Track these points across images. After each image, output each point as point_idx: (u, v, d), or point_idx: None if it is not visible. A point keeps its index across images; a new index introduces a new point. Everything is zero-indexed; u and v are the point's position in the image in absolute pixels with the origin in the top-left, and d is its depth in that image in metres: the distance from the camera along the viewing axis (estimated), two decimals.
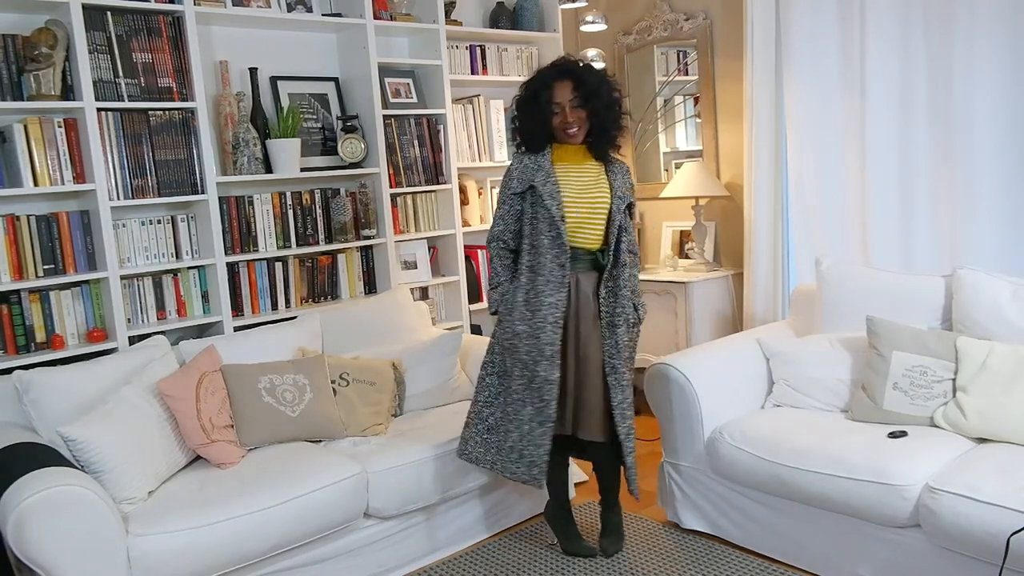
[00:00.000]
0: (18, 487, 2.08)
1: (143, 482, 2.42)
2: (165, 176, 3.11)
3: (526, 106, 2.65)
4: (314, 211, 3.57)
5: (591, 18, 4.17)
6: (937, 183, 3.33)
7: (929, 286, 2.92)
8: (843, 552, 2.54)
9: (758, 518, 2.76)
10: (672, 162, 4.51)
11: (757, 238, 3.88)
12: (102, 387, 2.61)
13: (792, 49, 3.67)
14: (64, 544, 2.08)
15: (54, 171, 2.88)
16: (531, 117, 2.63)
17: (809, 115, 3.66)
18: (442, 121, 3.90)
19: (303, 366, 2.93)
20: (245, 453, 2.75)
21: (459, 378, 3.30)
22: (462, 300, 3.98)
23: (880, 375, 2.69)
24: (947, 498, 2.22)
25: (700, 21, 4.19)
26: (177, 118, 3.13)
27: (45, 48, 2.81)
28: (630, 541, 2.92)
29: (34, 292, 2.91)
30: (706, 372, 2.88)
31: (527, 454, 2.58)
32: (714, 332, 4.09)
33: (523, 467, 2.59)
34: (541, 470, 2.58)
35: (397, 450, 2.76)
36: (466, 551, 2.95)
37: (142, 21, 3.05)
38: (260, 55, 3.51)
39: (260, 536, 2.40)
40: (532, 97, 2.62)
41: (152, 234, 3.16)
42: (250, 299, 3.42)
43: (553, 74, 2.61)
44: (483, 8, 4.30)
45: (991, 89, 3.13)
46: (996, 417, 2.47)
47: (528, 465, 2.58)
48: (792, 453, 2.57)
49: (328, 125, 3.68)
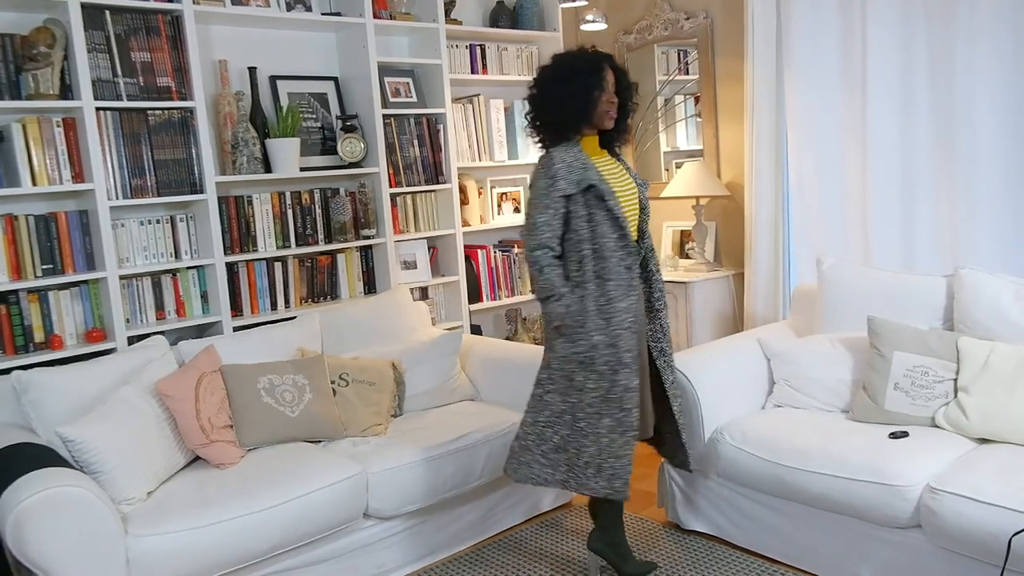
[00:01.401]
0: (17, 488, 2.08)
1: (142, 482, 2.42)
2: (164, 176, 3.10)
3: (567, 87, 2.45)
4: (313, 211, 3.57)
5: (591, 17, 4.16)
6: (938, 182, 3.32)
7: (930, 286, 2.92)
8: (844, 553, 2.54)
9: (759, 519, 2.75)
10: (673, 162, 4.50)
11: (758, 238, 3.88)
12: (101, 387, 2.61)
13: (793, 48, 3.66)
14: (63, 545, 2.07)
15: (53, 171, 2.88)
16: (572, 99, 2.45)
17: (810, 114, 3.66)
18: (442, 121, 3.90)
19: (302, 366, 2.92)
20: (244, 453, 2.74)
21: (459, 378, 3.29)
22: (462, 300, 3.97)
23: (881, 375, 2.68)
24: (948, 499, 2.21)
25: (701, 20, 4.19)
26: (176, 117, 3.12)
27: (43, 47, 2.80)
28: (630, 541, 2.92)
29: (33, 292, 2.90)
30: (707, 372, 2.87)
31: (606, 467, 2.41)
32: (715, 332, 4.08)
33: (603, 481, 2.42)
34: (624, 481, 2.41)
35: (397, 451, 2.76)
36: (466, 552, 2.95)
37: (141, 20, 3.04)
38: (259, 54, 3.51)
39: (259, 537, 2.40)
40: (573, 78, 2.45)
41: (151, 234, 3.15)
42: (249, 299, 3.41)
43: (598, 59, 2.49)
44: (483, 7, 4.30)
45: (992, 88, 3.12)
46: (998, 417, 2.46)
47: (609, 478, 2.41)
48: (793, 453, 2.57)
49: (327, 125, 3.67)
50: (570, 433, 2.47)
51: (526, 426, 2.56)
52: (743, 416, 2.86)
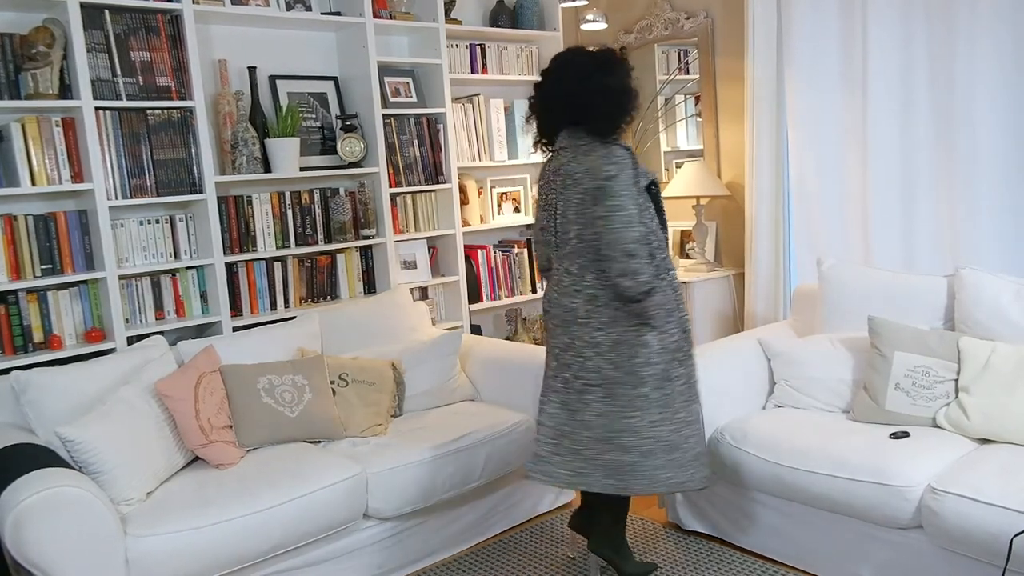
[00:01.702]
0: (16, 488, 2.07)
1: (141, 483, 2.41)
2: (163, 176, 3.10)
3: (632, 84, 2.47)
4: (313, 211, 3.56)
5: (591, 16, 4.15)
6: (939, 182, 3.32)
7: (931, 286, 2.91)
8: (845, 553, 2.53)
9: (759, 519, 2.75)
10: (673, 161, 4.50)
11: (758, 238, 3.87)
12: (100, 388, 2.60)
13: (793, 48, 3.66)
14: (62, 545, 2.07)
15: (52, 170, 2.87)
16: (635, 96, 2.48)
17: (810, 114, 3.65)
18: (442, 120, 3.89)
19: (302, 366, 2.92)
20: (244, 454, 2.73)
21: (459, 378, 3.28)
22: (462, 300, 3.97)
23: (882, 375, 2.67)
24: (949, 499, 2.21)
25: (701, 20, 4.18)
26: (176, 117, 3.12)
27: (43, 47, 2.80)
28: (631, 542, 2.91)
29: (32, 292, 2.90)
30: (707, 372, 2.86)
31: (704, 454, 2.45)
32: (715, 332, 4.08)
33: (707, 468, 2.44)
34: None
35: (396, 451, 2.75)
36: (465, 552, 2.94)
37: (140, 19, 3.03)
38: (259, 54, 3.50)
39: (259, 537, 2.39)
40: (631, 76, 2.49)
41: (150, 234, 3.15)
42: (249, 299, 3.40)
43: None
44: (483, 7, 4.29)
45: (993, 88, 3.12)
46: (999, 418, 2.46)
47: (708, 464, 2.45)
48: (793, 454, 2.56)
49: (327, 124, 3.66)
50: (671, 429, 2.40)
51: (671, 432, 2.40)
52: (743, 416, 2.86)
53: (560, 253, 2.47)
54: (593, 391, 2.40)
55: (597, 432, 2.39)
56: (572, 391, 2.43)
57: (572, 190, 2.40)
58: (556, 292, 2.47)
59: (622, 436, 2.37)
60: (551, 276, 2.53)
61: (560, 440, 2.45)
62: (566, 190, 2.42)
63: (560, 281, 2.46)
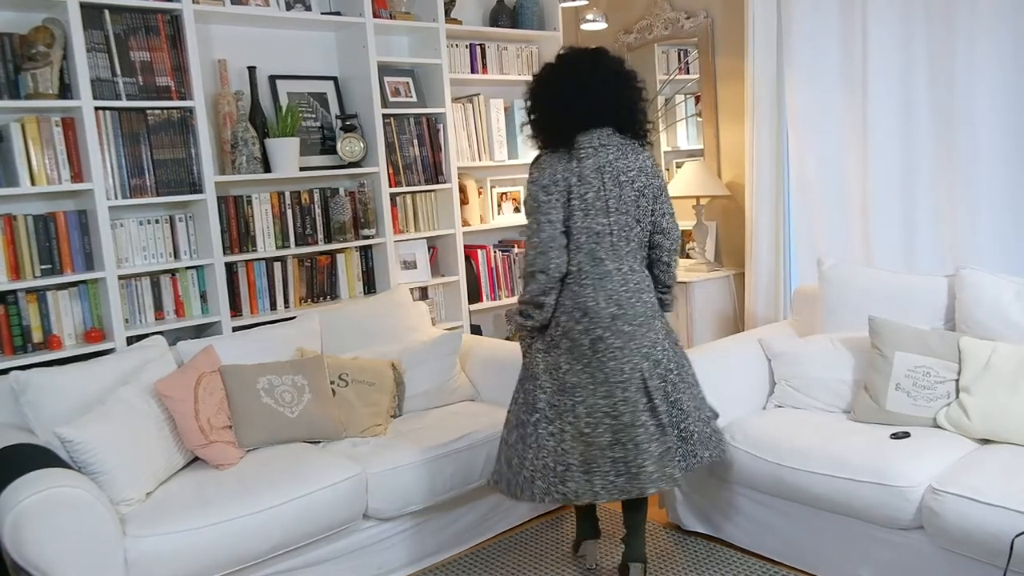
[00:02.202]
0: (15, 489, 2.07)
1: (141, 483, 2.41)
2: (163, 175, 3.10)
3: None
4: (313, 211, 3.56)
5: (591, 16, 4.15)
6: (939, 182, 3.31)
7: (931, 286, 2.91)
8: (845, 554, 2.53)
9: (760, 520, 2.75)
10: (673, 161, 4.50)
11: (758, 238, 3.87)
12: (100, 388, 2.60)
13: (793, 48, 3.65)
14: (61, 546, 2.07)
15: (51, 170, 2.87)
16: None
17: (810, 114, 3.65)
18: (442, 120, 3.89)
19: (302, 366, 2.91)
20: (244, 454, 2.73)
21: (459, 379, 3.28)
22: (462, 300, 3.97)
23: (882, 376, 2.67)
24: (950, 500, 2.21)
25: (701, 20, 4.18)
26: (175, 117, 3.12)
27: (42, 47, 2.80)
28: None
29: (31, 292, 2.89)
30: (707, 373, 2.86)
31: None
32: (715, 332, 4.07)
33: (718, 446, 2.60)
34: None
35: (396, 451, 2.75)
36: (465, 553, 2.94)
37: (140, 19, 3.03)
38: (259, 54, 3.50)
39: (259, 537, 2.39)
40: None
41: (150, 234, 3.14)
42: (248, 299, 3.40)
43: None
44: (483, 7, 4.29)
45: (993, 87, 3.11)
46: (1000, 418, 2.46)
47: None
48: (794, 454, 2.56)
49: (327, 124, 3.66)
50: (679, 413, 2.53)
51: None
52: (744, 416, 2.85)
53: (619, 252, 2.41)
54: (685, 378, 2.52)
55: (695, 415, 2.51)
56: (668, 384, 2.45)
57: (627, 187, 2.40)
58: (625, 292, 2.40)
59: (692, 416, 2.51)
60: (587, 276, 2.41)
61: (663, 440, 2.40)
62: (620, 187, 2.39)
63: (626, 280, 2.41)
